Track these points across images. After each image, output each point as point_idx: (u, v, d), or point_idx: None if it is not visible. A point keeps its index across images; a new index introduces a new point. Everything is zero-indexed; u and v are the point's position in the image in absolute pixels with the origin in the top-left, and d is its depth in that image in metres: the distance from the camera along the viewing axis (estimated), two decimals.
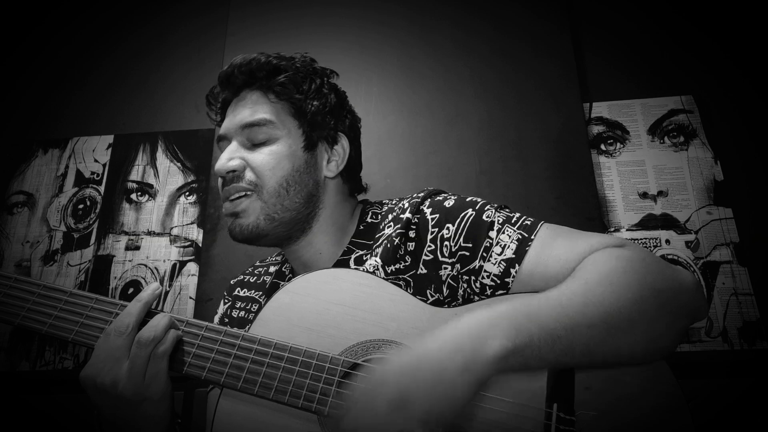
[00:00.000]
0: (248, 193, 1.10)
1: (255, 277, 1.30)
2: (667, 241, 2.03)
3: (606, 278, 0.86)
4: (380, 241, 1.11)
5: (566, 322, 0.81)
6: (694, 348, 1.88)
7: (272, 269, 1.30)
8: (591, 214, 2.02)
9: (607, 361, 0.86)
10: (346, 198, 1.22)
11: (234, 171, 1.10)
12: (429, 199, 1.12)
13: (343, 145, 1.20)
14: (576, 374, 0.88)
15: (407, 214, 1.10)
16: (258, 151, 1.11)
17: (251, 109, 1.14)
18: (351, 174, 1.24)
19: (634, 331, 0.84)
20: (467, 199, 1.09)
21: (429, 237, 1.06)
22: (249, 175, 1.10)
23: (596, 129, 2.23)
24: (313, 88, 1.17)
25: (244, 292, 1.27)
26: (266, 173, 1.09)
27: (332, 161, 1.18)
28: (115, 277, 2.25)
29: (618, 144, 2.20)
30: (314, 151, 1.16)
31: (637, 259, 0.90)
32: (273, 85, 1.14)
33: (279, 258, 1.33)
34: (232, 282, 1.34)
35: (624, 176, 2.15)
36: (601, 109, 2.26)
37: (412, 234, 1.08)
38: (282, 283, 1.22)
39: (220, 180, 1.13)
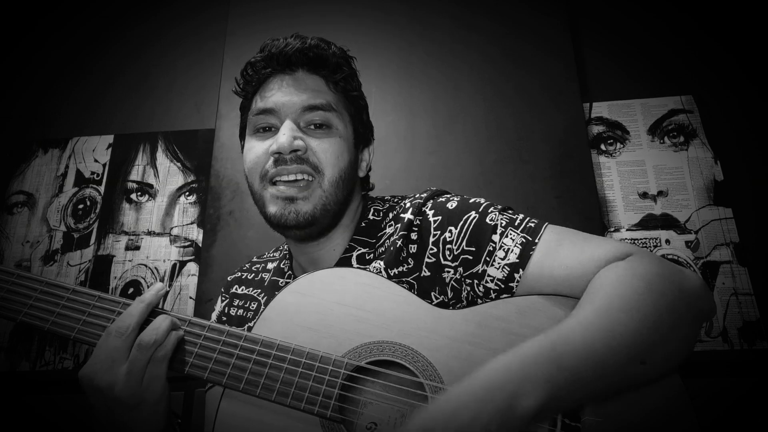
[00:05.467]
0: (309, 178, 1.07)
1: (253, 274, 1.28)
2: (667, 241, 2.03)
3: (626, 304, 0.83)
4: (382, 240, 1.10)
5: (595, 364, 0.78)
6: (694, 348, 1.88)
7: (270, 266, 1.28)
8: (591, 214, 2.02)
9: (629, 386, 0.84)
10: (361, 197, 1.23)
11: (297, 151, 1.06)
12: (431, 200, 1.11)
13: (371, 149, 1.23)
14: None
15: (409, 215, 1.08)
16: (319, 138, 1.09)
17: (315, 92, 1.10)
18: (368, 175, 1.25)
19: (654, 354, 0.83)
20: (470, 201, 1.08)
21: (431, 240, 1.05)
22: (312, 158, 1.07)
23: (596, 129, 2.23)
24: (360, 86, 1.19)
25: (242, 290, 1.25)
26: (331, 162, 1.08)
27: (363, 161, 1.20)
28: (115, 277, 2.25)
29: (618, 144, 2.20)
30: (358, 150, 1.17)
31: (653, 274, 0.87)
32: (337, 77, 1.13)
33: (277, 254, 1.32)
34: (229, 279, 1.32)
35: (624, 176, 2.15)
36: (601, 109, 2.26)
37: (414, 236, 1.07)
38: (281, 280, 1.21)
39: (272, 158, 1.07)
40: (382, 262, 1.06)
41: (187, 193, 2.36)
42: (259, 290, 1.23)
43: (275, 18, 2.47)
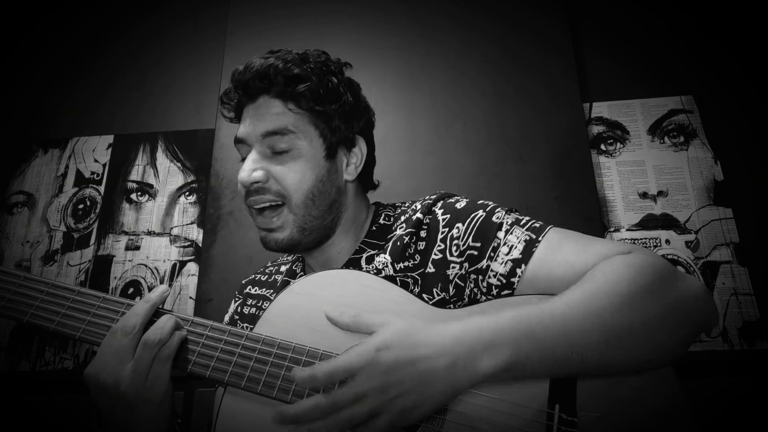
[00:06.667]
0: (277, 203, 1.09)
1: (267, 276, 1.32)
2: (667, 241, 2.03)
3: (611, 289, 0.87)
4: (392, 241, 1.13)
5: (564, 339, 0.83)
6: (694, 348, 1.88)
7: (283, 268, 1.31)
8: (591, 214, 2.02)
9: (607, 371, 0.86)
10: (363, 197, 1.25)
11: (258, 182, 1.09)
12: (441, 201, 1.14)
13: (360, 147, 1.20)
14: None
15: (418, 215, 1.12)
16: (281, 164, 1.10)
17: (272, 117, 1.11)
18: (367, 173, 1.25)
19: (636, 342, 0.85)
20: (478, 202, 1.11)
21: (439, 237, 1.08)
22: (274, 186, 1.09)
23: (596, 129, 2.24)
24: (330, 90, 1.14)
25: (256, 290, 1.29)
26: (292, 187, 1.09)
27: (351, 164, 1.18)
28: (115, 277, 2.25)
29: (618, 144, 2.20)
30: (335, 158, 1.15)
31: (647, 267, 0.90)
32: (293, 94, 1.11)
33: (290, 257, 1.34)
34: (243, 281, 1.35)
35: (624, 176, 2.15)
36: (601, 109, 2.26)
37: (422, 233, 1.10)
38: (292, 281, 1.22)
39: (243, 189, 1.11)
40: (388, 256, 1.09)
41: (187, 193, 2.37)
42: (272, 291, 1.26)
43: (275, 18, 2.47)
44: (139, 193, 2.39)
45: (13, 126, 2.59)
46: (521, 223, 1.04)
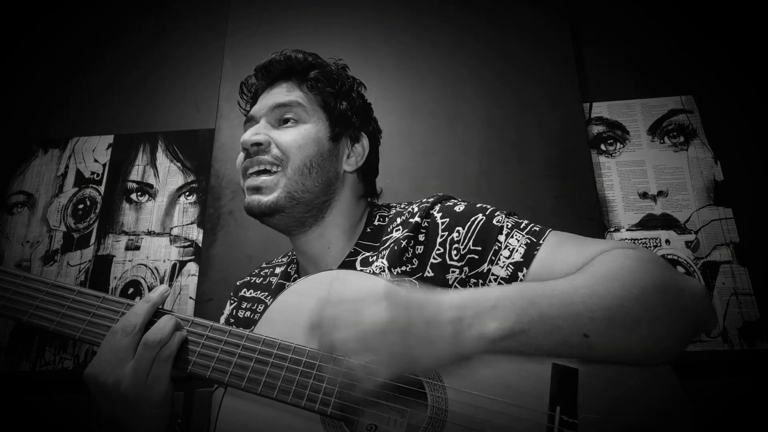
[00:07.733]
0: (273, 168, 1.13)
1: (261, 278, 1.32)
2: (667, 241, 2.03)
3: (613, 274, 0.88)
4: (387, 243, 1.12)
5: (568, 313, 0.84)
6: (694, 348, 1.88)
7: (278, 270, 1.31)
8: (591, 214, 2.02)
9: (607, 355, 0.87)
10: (360, 197, 1.25)
11: (260, 144, 1.13)
12: (439, 204, 1.13)
13: (363, 145, 1.26)
14: (579, 376, 0.88)
15: (416, 218, 1.11)
16: (285, 131, 1.15)
17: (284, 93, 1.19)
18: (367, 175, 1.28)
19: (637, 327, 0.85)
20: (477, 205, 1.11)
21: (438, 240, 1.07)
22: (275, 150, 1.13)
23: (596, 129, 2.24)
24: (343, 89, 1.22)
25: (250, 293, 1.28)
26: (293, 150, 1.13)
27: (352, 157, 1.23)
28: (115, 277, 2.25)
29: (618, 144, 2.20)
30: (338, 143, 1.20)
31: (646, 259, 0.91)
32: (308, 78, 1.20)
33: (285, 259, 1.34)
34: (238, 283, 1.35)
35: (624, 176, 2.15)
36: (601, 109, 2.26)
37: (421, 237, 1.09)
38: (287, 283, 1.22)
39: (242, 155, 1.16)
40: (386, 261, 1.08)
41: (187, 193, 2.36)
42: (266, 293, 1.25)
43: (276, 20, 2.47)
44: (139, 193, 2.39)
45: (13, 126, 2.59)
46: (521, 227, 1.05)
